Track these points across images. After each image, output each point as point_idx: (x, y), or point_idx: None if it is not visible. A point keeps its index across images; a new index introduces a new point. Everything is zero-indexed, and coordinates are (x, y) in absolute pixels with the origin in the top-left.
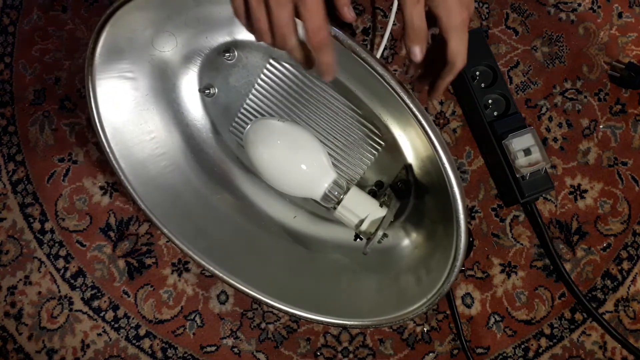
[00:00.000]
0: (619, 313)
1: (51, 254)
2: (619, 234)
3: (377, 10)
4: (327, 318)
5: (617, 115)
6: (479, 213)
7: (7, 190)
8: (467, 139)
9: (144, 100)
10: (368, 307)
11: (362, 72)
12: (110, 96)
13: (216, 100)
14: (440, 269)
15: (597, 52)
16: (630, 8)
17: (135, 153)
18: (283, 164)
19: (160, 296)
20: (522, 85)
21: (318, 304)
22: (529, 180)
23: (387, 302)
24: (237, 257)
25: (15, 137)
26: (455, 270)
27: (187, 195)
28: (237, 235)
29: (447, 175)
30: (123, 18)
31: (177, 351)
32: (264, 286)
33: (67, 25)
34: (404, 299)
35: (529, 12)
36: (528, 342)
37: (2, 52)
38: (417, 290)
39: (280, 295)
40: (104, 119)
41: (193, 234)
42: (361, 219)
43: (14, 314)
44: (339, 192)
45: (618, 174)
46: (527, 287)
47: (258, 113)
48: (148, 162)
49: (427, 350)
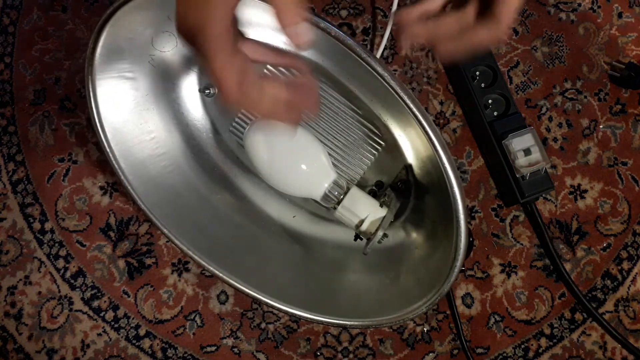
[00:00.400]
0: (619, 313)
1: (51, 254)
2: (619, 234)
3: (377, 10)
4: (327, 318)
5: (617, 115)
6: (479, 213)
7: (7, 190)
8: (467, 139)
9: (144, 100)
10: (368, 307)
11: (362, 72)
12: (110, 96)
13: (216, 100)
14: (440, 269)
15: (597, 52)
16: (630, 8)
17: (135, 153)
18: (283, 164)
19: (160, 296)
20: (522, 85)
21: (318, 304)
22: (529, 180)
23: (387, 302)
24: (237, 257)
25: (15, 137)
26: (456, 270)
27: (187, 195)
28: (237, 235)
29: (447, 175)
30: (123, 18)
31: (177, 351)
32: (264, 286)
33: (67, 25)
34: (404, 299)
35: (529, 12)
36: (528, 342)
37: (2, 52)
38: (417, 290)
39: (280, 295)
40: (104, 119)
41: (193, 234)
42: (361, 219)
43: (14, 314)
44: (339, 192)
45: (618, 174)
46: (527, 287)
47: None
48: (148, 162)
49: (427, 350)
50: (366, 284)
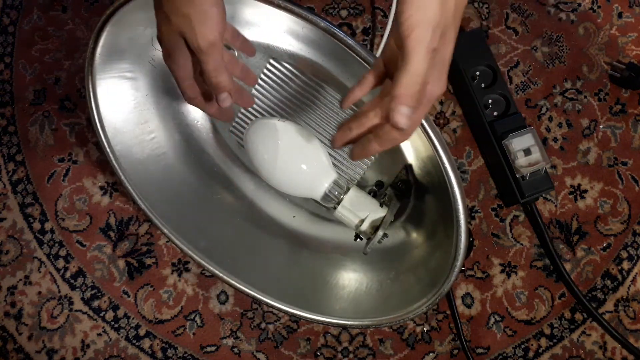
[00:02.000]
0: (619, 313)
1: (51, 254)
2: (619, 234)
3: (377, 10)
4: (327, 318)
5: (617, 115)
6: (479, 213)
7: (7, 190)
8: (467, 139)
9: (144, 100)
10: (368, 307)
11: (362, 71)
12: (110, 96)
13: None
14: (440, 269)
15: (597, 52)
16: (630, 8)
17: (135, 153)
18: (283, 164)
19: (160, 296)
20: (522, 85)
21: (318, 304)
22: (529, 180)
23: (387, 302)
24: (237, 257)
25: (15, 137)
26: (456, 270)
27: (188, 196)
28: (237, 235)
29: (447, 175)
30: (123, 18)
31: (177, 351)
32: (264, 286)
33: (67, 25)
34: (404, 299)
35: (529, 12)
36: (528, 342)
37: (2, 52)
38: (417, 290)
39: (280, 295)
40: (104, 118)
41: (193, 234)
42: (361, 219)
43: (14, 314)
44: (339, 192)
45: (618, 174)
46: (527, 287)
47: (258, 113)
48: (148, 162)
49: (427, 350)
50: (366, 284)
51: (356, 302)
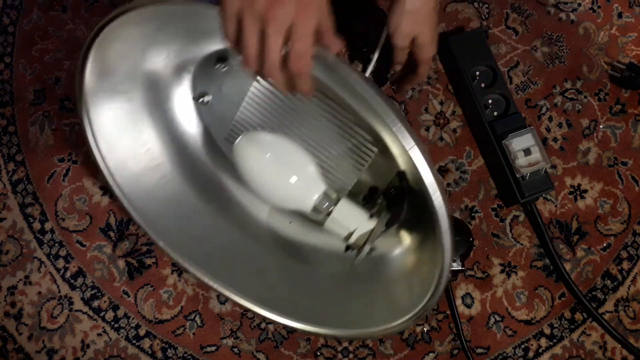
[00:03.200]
0: (619, 313)
1: (51, 254)
2: (619, 234)
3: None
4: (322, 329)
5: (617, 115)
6: (479, 213)
7: (7, 190)
8: (467, 139)
9: (138, 111)
10: (360, 318)
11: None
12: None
13: (211, 108)
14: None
15: (597, 52)
16: (630, 8)
17: (130, 167)
18: (271, 177)
19: (160, 296)
20: (522, 85)
21: (312, 314)
22: (529, 180)
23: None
24: (233, 268)
25: (15, 137)
26: (441, 286)
27: (183, 206)
28: (232, 244)
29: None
30: (113, 32)
31: (177, 351)
32: (260, 296)
33: (67, 25)
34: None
35: (529, 12)
36: (528, 342)
37: (2, 52)
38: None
39: (274, 306)
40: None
41: (189, 247)
42: (350, 232)
43: (14, 314)
44: (328, 204)
45: (618, 174)
46: (527, 287)
47: (252, 121)
48: (143, 175)
49: (427, 350)
50: (358, 294)
51: (349, 312)
